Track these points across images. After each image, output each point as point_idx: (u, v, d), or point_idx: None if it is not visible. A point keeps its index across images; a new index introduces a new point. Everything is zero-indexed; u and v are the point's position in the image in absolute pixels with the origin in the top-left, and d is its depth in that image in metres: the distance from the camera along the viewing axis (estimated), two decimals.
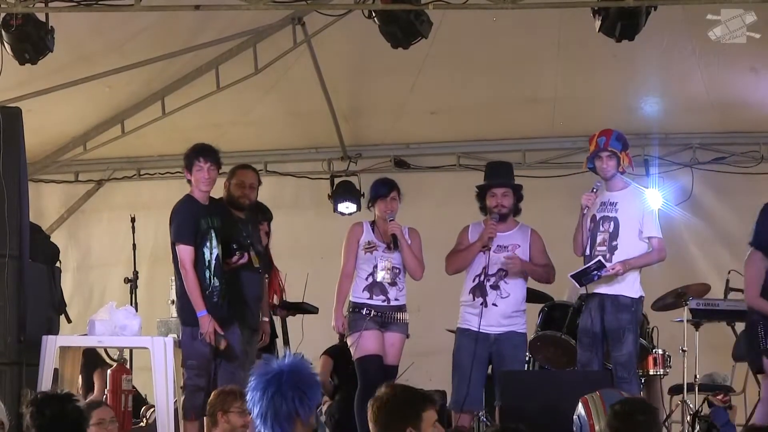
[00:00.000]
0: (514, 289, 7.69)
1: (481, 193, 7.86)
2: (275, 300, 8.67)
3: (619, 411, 4.72)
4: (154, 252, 7.54)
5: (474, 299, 7.65)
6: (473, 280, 7.69)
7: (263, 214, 8.61)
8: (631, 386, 7.26)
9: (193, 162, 7.28)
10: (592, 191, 7.53)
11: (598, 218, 7.55)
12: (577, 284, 7.51)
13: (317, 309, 8.97)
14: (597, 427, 5.68)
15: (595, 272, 7.37)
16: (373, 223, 7.79)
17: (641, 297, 7.56)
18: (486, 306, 7.61)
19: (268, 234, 8.59)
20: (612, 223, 7.50)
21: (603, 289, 7.46)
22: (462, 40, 9.37)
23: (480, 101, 10.25)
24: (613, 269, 7.36)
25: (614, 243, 7.47)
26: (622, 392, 6.21)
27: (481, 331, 7.61)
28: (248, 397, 4.16)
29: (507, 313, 7.65)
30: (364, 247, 7.67)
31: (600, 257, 7.38)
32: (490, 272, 7.66)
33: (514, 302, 7.70)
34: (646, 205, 7.62)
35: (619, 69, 9.64)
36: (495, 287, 7.65)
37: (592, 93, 9.91)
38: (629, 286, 7.47)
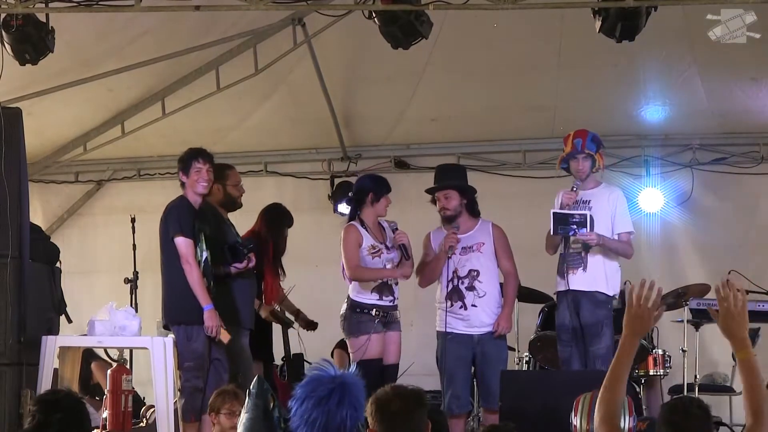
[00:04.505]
0: (489, 287, 7.74)
1: (434, 200, 7.91)
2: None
3: (676, 405, 4.74)
4: (154, 252, 7.52)
5: (452, 304, 7.67)
6: (447, 286, 7.71)
7: (287, 218, 8.64)
8: None
9: (192, 163, 7.27)
10: (572, 190, 7.59)
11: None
12: (552, 225, 7.50)
13: (292, 322, 8.94)
14: (578, 425, 5.65)
15: (574, 226, 7.42)
16: (363, 224, 7.76)
17: (615, 295, 7.65)
18: (466, 308, 7.65)
19: (285, 240, 8.61)
20: None
21: (579, 286, 7.56)
22: (462, 48, 9.38)
23: (480, 109, 10.25)
24: (589, 235, 7.42)
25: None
26: None
27: (464, 333, 7.64)
28: (297, 402, 4.18)
29: (488, 312, 7.69)
30: (370, 251, 7.66)
31: (587, 213, 7.43)
32: (461, 274, 7.70)
33: (492, 300, 7.74)
34: (618, 203, 7.71)
35: (619, 78, 9.65)
36: (471, 288, 7.70)
37: (592, 102, 9.92)
38: (605, 283, 7.55)
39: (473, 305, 7.67)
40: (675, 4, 8.18)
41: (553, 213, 7.49)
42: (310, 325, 8.91)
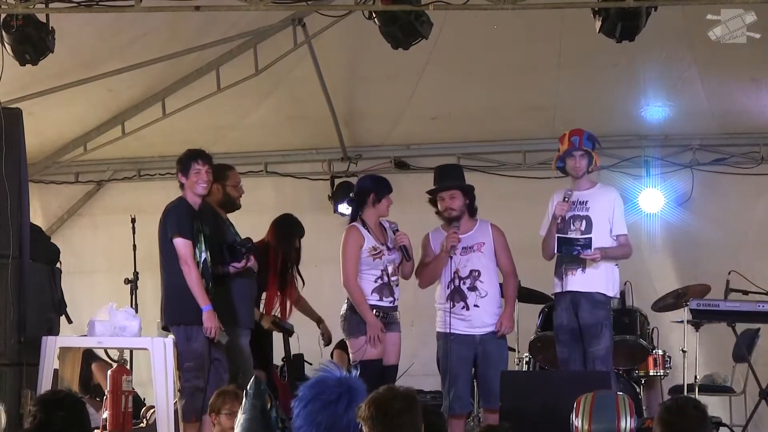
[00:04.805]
0: (490, 287, 7.73)
1: (433, 199, 7.89)
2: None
3: (671, 405, 4.74)
4: (154, 252, 7.52)
5: (454, 304, 7.67)
6: (448, 286, 7.70)
7: (297, 229, 8.64)
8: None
9: (191, 165, 7.27)
10: (565, 200, 7.59)
11: (567, 217, 7.61)
12: (555, 246, 7.52)
13: (292, 329, 8.91)
14: (579, 426, 5.65)
15: (579, 248, 7.42)
16: (364, 225, 7.75)
17: (615, 295, 7.69)
18: (468, 309, 7.65)
19: (299, 250, 8.61)
20: (584, 221, 7.59)
21: (577, 287, 7.55)
22: (463, 48, 9.39)
23: (480, 109, 10.25)
24: (593, 254, 7.44)
25: None
26: (617, 392, 6.20)
27: (466, 333, 7.64)
28: (301, 403, 4.20)
29: (489, 312, 7.69)
30: (371, 253, 7.64)
31: (591, 236, 7.45)
32: (462, 275, 7.70)
33: (493, 300, 7.74)
34: (616, 204, 7.71)
35: (619, 78, 9.66)
36: (473, 288, 7.69)
37: (592, 102, 9.92)
38: (604, 284, 7.55)
39: (475, 305, 7.67)
40: (675, 4, 8.18)
41: (558, 237, 7.50)
42: (328, 340, 8.85)
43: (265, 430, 5.69)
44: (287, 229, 8.64)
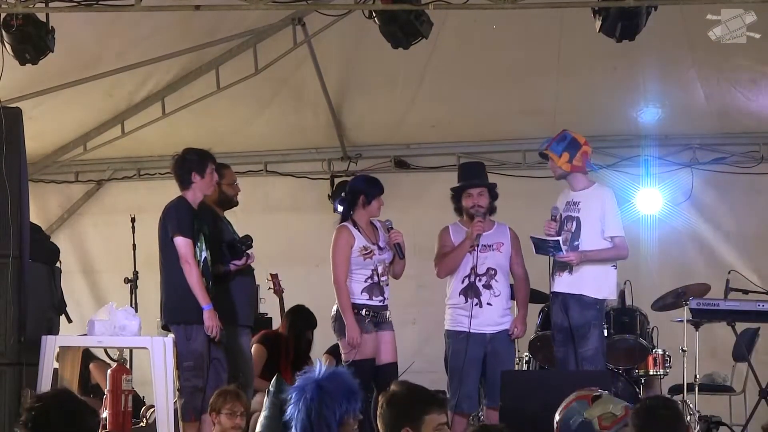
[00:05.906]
0: (503, 287, 7.74)
1: (456, 195, 7.88)
2: None
3: (641, 408, 4.68)
4: (154, 252, 7.52)
5: (467, 300, 7.66)
6: (462, 282, 7.70)
7: (308, 321, 8.71)
8: None
9: (208, 164, 7.31)
10: (552, 219, 7.58)
11: (563, 218, 7.62)
12: (533, 247, 7.53)
13: None
14: (555, 419, 5.65)
15: (551, 249, 7.45)
16: (355, 225, 7.74)
17: (607, 298, 7.66)
18: (481, 306, 7.64)
19: (310, 342, 8.69)
20: (574, 222, 7.58)
21: (565, 289, 7.54)
22: (463, 49, 9.39)
23: (481, 110, 10.25)
24: (567, 256, 7.43)
25: (576, 243, 7.54)
26: (598, 392, 6.18)
27: (476, 331, 7.63)
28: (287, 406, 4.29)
29: (501, 311, 7.69)
30: (362, 253, 7.62)
31: (559, 239, 7.44)
32: (479, 272, 7.69)
33: (506, 300, 7.75)
34: (607, 204, 7.63)
35: (619, 79, 9.66)
36: (487, 286, 7.68)
37: (592, 102, 9.92)
38: (591, 286, 7.50)
39: (488, 303, 7.66)
40: (675, 4, 8.18)
41: (531, 237, 7.52)
42: None
43: (283, 429, 5.73)
44: (300, 323, 8.84)
